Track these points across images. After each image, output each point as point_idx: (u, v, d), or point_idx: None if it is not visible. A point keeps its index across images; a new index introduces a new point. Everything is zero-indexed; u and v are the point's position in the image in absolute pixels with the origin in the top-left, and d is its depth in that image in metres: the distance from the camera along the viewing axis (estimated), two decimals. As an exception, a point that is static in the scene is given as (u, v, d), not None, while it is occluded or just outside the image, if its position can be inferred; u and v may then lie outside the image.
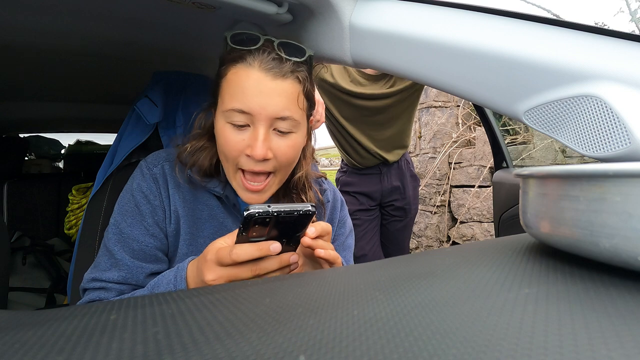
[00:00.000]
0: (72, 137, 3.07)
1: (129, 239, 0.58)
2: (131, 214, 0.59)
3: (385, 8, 0.58)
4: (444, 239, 2.64)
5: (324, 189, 0.72)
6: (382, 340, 0.15)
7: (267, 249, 0.42)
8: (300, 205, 0.42)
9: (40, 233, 1.73)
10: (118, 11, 0.68)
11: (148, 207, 0.59)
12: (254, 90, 0.53)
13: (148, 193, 0.60)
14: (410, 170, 1.61)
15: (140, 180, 0.61)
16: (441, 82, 0.54)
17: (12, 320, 0.20)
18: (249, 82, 0.53)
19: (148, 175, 0.61)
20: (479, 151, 2.45)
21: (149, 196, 0.60)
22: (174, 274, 0.51)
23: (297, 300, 0.22)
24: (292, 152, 0.58)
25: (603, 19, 8.34)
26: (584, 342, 0.14)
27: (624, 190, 0.20)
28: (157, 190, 0.60)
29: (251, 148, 0.54)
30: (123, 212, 0.59)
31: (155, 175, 0.61)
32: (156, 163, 0.62)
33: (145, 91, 0.87)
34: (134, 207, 0.59)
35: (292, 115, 0.55)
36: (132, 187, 0.60)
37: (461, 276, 0.24)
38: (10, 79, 1.12)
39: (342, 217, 0.74)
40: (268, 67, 0.53)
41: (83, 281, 0.58)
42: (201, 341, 0.16)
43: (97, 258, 0.60)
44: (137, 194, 0.59)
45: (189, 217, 0.61)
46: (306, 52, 0.58)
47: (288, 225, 0.43)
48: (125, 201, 0.60)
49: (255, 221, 0.40)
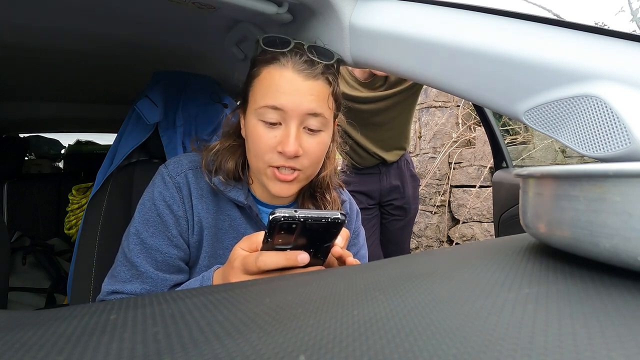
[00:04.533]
0: (72, 137, 3.08)
1: (152, 250, 0.56)
2: (153, 224, 0.57)
3: (385, 8, 0.58)
4: (444, 239, 2.64)
5: (342, 199, 0.72)
6: (382, 340, 0.15)
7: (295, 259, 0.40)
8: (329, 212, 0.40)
9: (40, 233, 1.73)
10: (118, 11, 0.68)
11: (171, 217, 0.58)
12: (288, 89, 0.55)
13: (171, 203, 0.58)
14: (410, 170, 1.61)
15: (162, 188, 0.59)
16: (441, 82, 0.54)
17: (12, 320, 0.20)
18: (283, 81, 0.55)
19: (171, 184, 0.59)
20: (479, 151, 2.45)
21: (172, 206, 0.58)
22: (200, 283, 0.50)
23: (297, 300, 0.22)
24: (321, 150, 0.59)
25: (603, 18, 8.34)
26: (584, 342, 0.14)
27: (624, 190, 0.20)
28: (181, 200, 0.59)
29: (283, 145, 0.55)
30: (145, 221, 0.58)
31: (179, 184, 0.59)
32: (179, 171, 0.61)
33: (145, 91, 0.87)
34: (156, 216, 0.58)
35: (323, 113, 0.57)
36: (153, 196, 0.59)
37: (461, 276, 0.24)
38: (10, 79, 1.12)
39: (357, 228, 0.74)
40: (301, 68, 0.55)
41: (102, 292, 0.57)
42: (201, 341, 0.16)
43: (115, 268, 0.58)
44: (160, 203, 0.58)
45: (212, 227, 0.60)
46: (334, 55, 0.60)
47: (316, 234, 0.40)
48: (147, 210, 0.58)
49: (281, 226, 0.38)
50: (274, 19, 0.64)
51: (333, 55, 0.60)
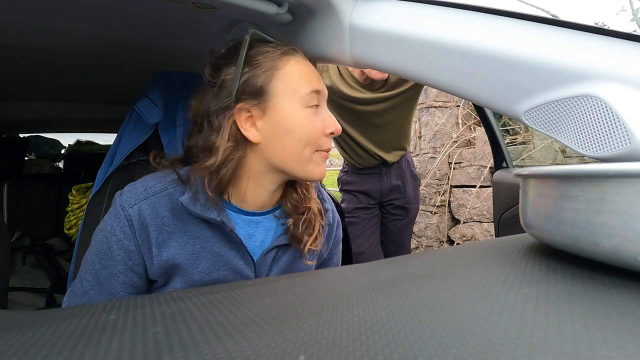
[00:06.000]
0: (72, 137, 3.08)
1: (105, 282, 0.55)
2: (105, 256, 0.55)
3: (386, 8, 0.58)
4: (444, 239, 2.64)
5: (326, 208, 0.69)
6: (382, 340, 0.15)
7: None
8: None
9: (40, 233, 1.73)
10: (118, 11, 0.68)
11: (122, 252, 0.55)
12: (315, 74, 0.59)
13: (122, 237, 0.55)
14: (411, 170, 1.62)
15: (114, 221, 0.55)
16: (441, 82, 0.54)
17: (12, 320, 0.20)
18: (308, 68, 0.58)
19: (122, 217, 0.55)
20: (479, 151, 2.45)
21: (123, 240, 0.55)
22: None
23: (297, 300, 0.22)
24: None
25: (603, 18, 8.35)
26: (584, 342, 0.14)
27: (624, 190, 0.20)
28: (132, 234, 0.55)
29: (331, 126, 0.57)
30: (97, 252, 0.56)
31: (130, 218, 0.54)
32: (132, 203, 0.55)
33: (145, 91, 0.87)
34: (107, 249, 0.55)
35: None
36: (106, 226, 0.56)
37: (461, 276, 0.24)
38: (10, 79, 1.12)
39: (338, 237, 0.75)
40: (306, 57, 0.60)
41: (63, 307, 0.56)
42: (201, 341, 0.16)
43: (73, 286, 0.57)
44: (111, 237, 0.55)
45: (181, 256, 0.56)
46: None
47: None
48: (100, 240, 0.56)
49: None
50: (274, 19, 0.64)
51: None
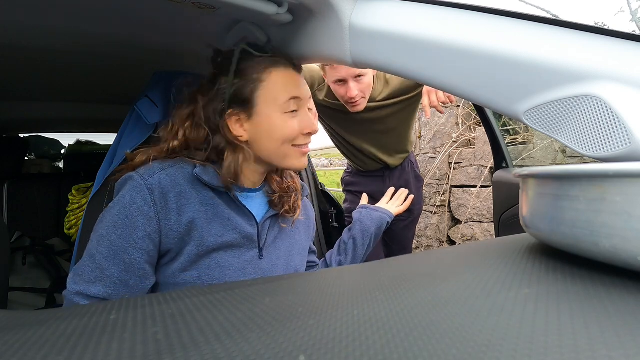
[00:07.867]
0: (72, 137, 3.08)
1: (121, 251, 0.57)
2: (122, 226, 0.58)
3: (386, 8, 0.58)
4: (444, 239, 2.64)
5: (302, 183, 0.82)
6: (382, 340, 0.15)
7: None
8: None
9: (40, 233, 1.73)
10: (118, 11, 0.68)
11: (142, 219, 0.58)
12: (298, 81, 0.67)
13: (142, 204, 0.58)
14: (415, 171, 1.61)
15: (134, 191, 0.59)
16: (441, 82, 0.54)
17: (12, 320, 0.20)
18: (292, 76, 0.67)
19: (143, 186, 0.59)
20: (479, 151, 2.45)
21: (143, 207, 0.58)
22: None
23: (297, 300, 0.22)
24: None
25: (603, 18, 8.34)
26: (584, 342, 0.14)
27: (624, 190, 0.20)
28: (152, 202, 0.58)
29: (309, 127, 0.67)
30: (114, 224, 0.58)
31: (151, 186, 0.59)
32: (151, 174, 0.60)
33: (145, 91, 0.87)
34: (124, 218, 0.58)
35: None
36: (124, 200, 0.59)
37: (461, 276, 0.24)
38: (10, 79, 1.12)
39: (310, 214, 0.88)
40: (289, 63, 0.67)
41: (67, 290, 0.57)
42: (201, 341, 0.16)
43: (79, 266, 0.58)
44: (131, 206, 0.58)
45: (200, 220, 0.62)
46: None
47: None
48: (116, 213, 0.58)
49: None
50: (274, 19, 0.64)
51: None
